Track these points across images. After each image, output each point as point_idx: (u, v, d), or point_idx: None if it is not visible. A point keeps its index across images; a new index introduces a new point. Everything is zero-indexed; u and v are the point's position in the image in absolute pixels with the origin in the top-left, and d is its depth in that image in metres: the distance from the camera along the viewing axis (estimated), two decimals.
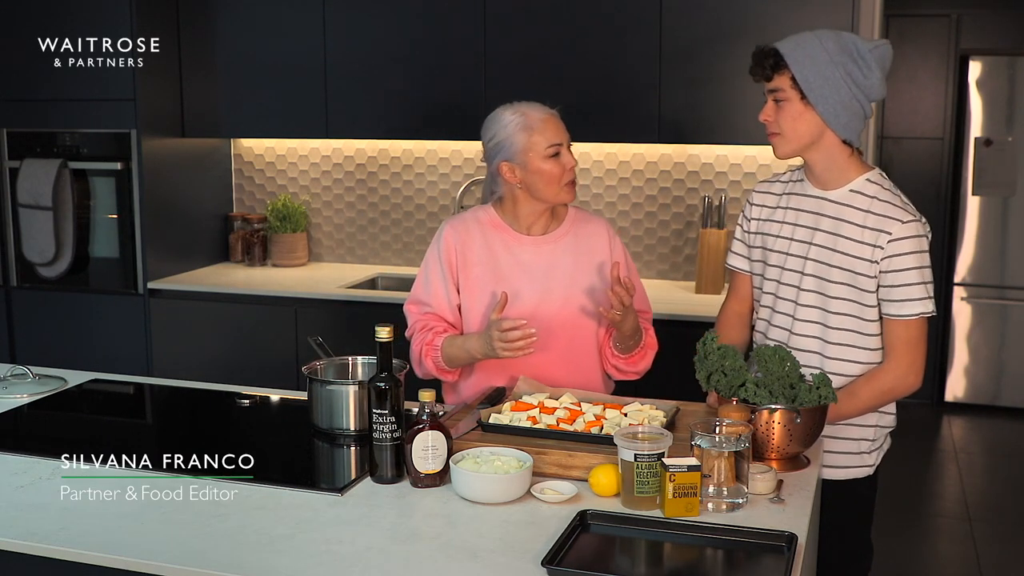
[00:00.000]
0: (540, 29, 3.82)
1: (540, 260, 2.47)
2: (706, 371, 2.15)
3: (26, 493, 1.97)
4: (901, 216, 2.21)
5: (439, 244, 2.48)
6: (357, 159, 4.48)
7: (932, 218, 5.72)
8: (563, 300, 2.45)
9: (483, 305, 2.44)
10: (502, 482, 1.88)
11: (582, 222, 2.53)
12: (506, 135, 2.39)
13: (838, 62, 2.17)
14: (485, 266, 2.46)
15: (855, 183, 2.27)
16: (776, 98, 2.24)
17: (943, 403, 5.85)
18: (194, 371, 3.90)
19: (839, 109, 2.20)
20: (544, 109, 2.42)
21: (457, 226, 2.49)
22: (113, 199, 4.16)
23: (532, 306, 2.43)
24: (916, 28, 5.82)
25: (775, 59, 2.21)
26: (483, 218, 2.51)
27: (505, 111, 2.42)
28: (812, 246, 2.29)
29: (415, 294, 2.52)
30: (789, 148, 2.27)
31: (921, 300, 2.21)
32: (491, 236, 2.48)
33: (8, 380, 2.69)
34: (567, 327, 2.45)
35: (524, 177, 2.40)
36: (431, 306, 2.47)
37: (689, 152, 4.04)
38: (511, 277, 2.45)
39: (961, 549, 4.00)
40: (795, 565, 1.63)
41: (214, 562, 1.67)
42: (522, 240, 2.48)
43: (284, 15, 4.13)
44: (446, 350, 2.41)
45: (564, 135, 2.41)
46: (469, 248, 2.46)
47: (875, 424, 2.36)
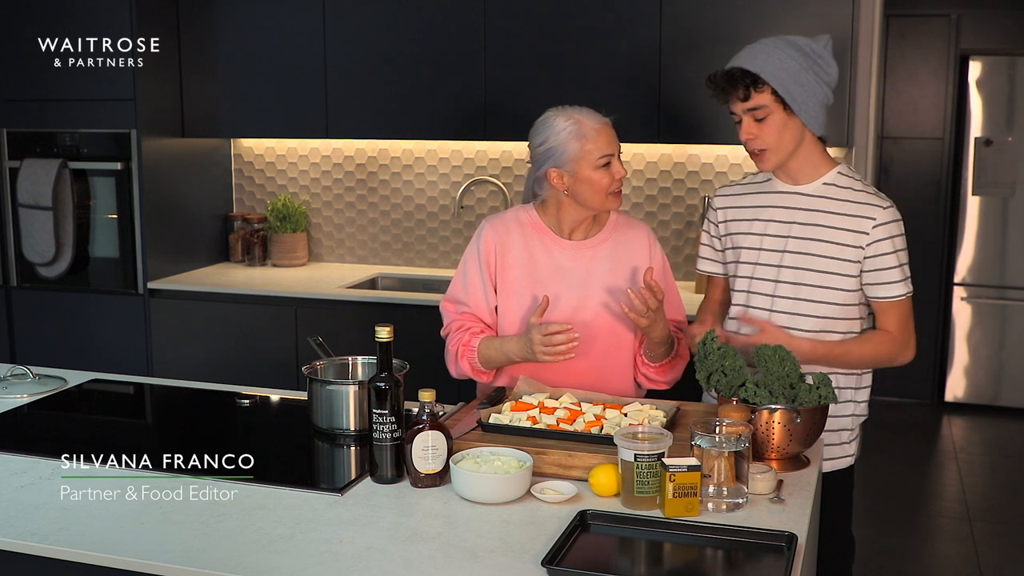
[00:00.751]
0: (540, 29, 3.82)
1: (579, 266, 2.45)
2: (706, 371, 2.16)
3: (26, 493, 1.97)
4: (880, 203, 2.31)
5: (479, 243, 2.46)
6: (357, 159, 4.48)
7: (932, 218, 5.79)
8: (599, 307, 2.44)
9: (519, 307, 2.43)
10: (502, 482, 1.88)
11: (624, 227, 2.51)
12: (558, 141, 2.35)
13: (806, 66, 2.26)
14: (523, 269, 2.44)
15: (827, 176, 2.36)
16: (756, 116, 2.28)
17: (943, 403, 5.85)
18: (194, 371, 3.90)
19: (817, 110, 2.29)
20: (598, 117, 2.39)
21: (498, 226, 2.47)
22: (113, 199, 4.16)
23: (569, 312, 2.41)
24: (916, 28, 5.82)
25: (750, 79, 2.25)
26: (524, 219, 2.48)
27: (558, 116, 2.38)
28: (789, 239, 2.34)
29: (452, 292, 2.51)
30: (777, 159, 2.33)
31: (906, 280, 2.33)
32: (531, 238, 2.46)
33: (8, 380, 2.69)
34: (603, 334, 2.44)
35: (572, 185, 2.37)
36: (468, 306, 2.46)
37: (689, 152, 4.04)
38: (548, 281, 2.43)
39: (961, 549, 4.00)
40: (795, 565, 1.63)
41: (214, 562, 1.67)
42: (562, 244, 2.46)
43: (284, 15, 4.13)
44: (483, 351, 2.40)
45: (616, 145, 2.39)
46: (508, 249, 2.45)
47: (851, 414, 2.42)
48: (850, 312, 2.34)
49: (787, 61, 2.24)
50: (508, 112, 3.87)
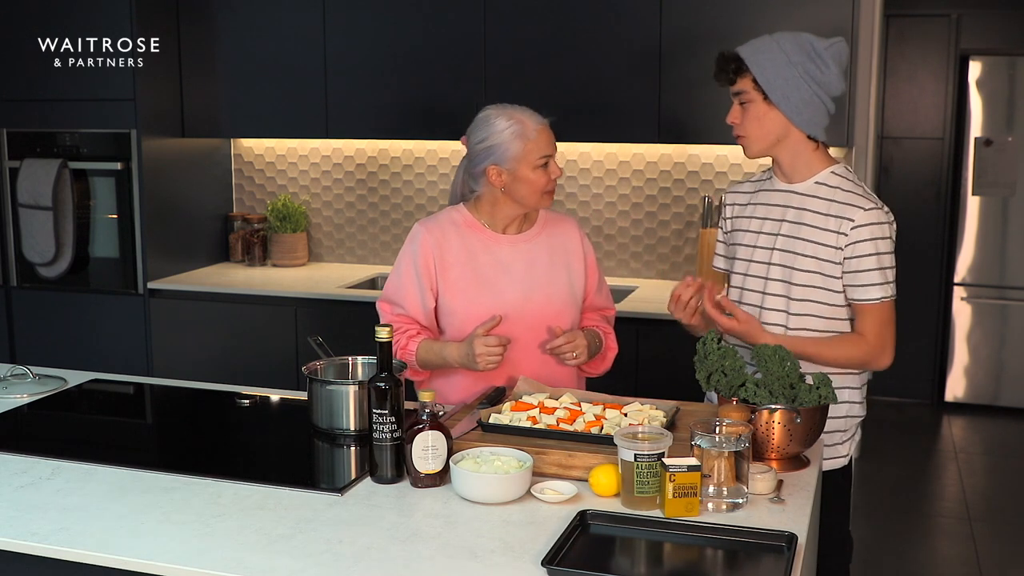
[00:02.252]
0: (540, 29, 3.82)
1: (519, 259, 2.50)
2: (706, 371, 2.16)
3: (26, 493, 1.97)
4: (863, 204, 2.29)
5: (414, 247, 2.49)
6: (357, 159, 4.48)
7: (932, 218, 5.79)
8: (545, 298, 2.49)
9: (468, 304, 2.45)
10: (502, 482, 1.88)
11: (553, 222, 2.58)
12: (499, 140, 2.41)
13: (796, 62, 2.26)
14: (465, 266, 2.47)
15: (820, 175, 2.36)
16: (740, 100, 2.34)
17: (943, 403, 5.85)
18: (194, 371, 3.90)
19: (801, 106, 2.28)
20: (537, 118, 2.44)
21: (433, 228, 2.50)
22: (113, 199, 4.16)
23: (518, 304, 2.46)
24: (916, 28, 5.82)
25: (736, 63, 2.31)
26: (458, 219, 2.52)
27: (499, 116, 2.43)
28: (778, 237, 2.36)
29: (387, 294, 2.53)
30: (757, 148, 2.36)
31: (882, 285, 2.29)
32: (468, 236, 2.50)
33: (8, 380, 2.69)
34: (549, 323, 2.48)
35: (510, 183, 2.43)
36: (403, 307, 2.49)
37: (689, 152, 4.04)
38: (492, 276, 2.47)
39: (961, 549, 4.00)
40: (795, 565, 1.63)
41: (214, 562, 1.67)
42: (499, 239, 2.50)
43: (284, 15, 4.13)
44: (421, 355, 2.45)
45: (554, 146, 2.45)
46: (447, 250, 2.47)
47: (845, 415, 2.41)
48: (838, 312, 2.33)
49: (775, 53, 2.26)
50: None
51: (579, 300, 2.56)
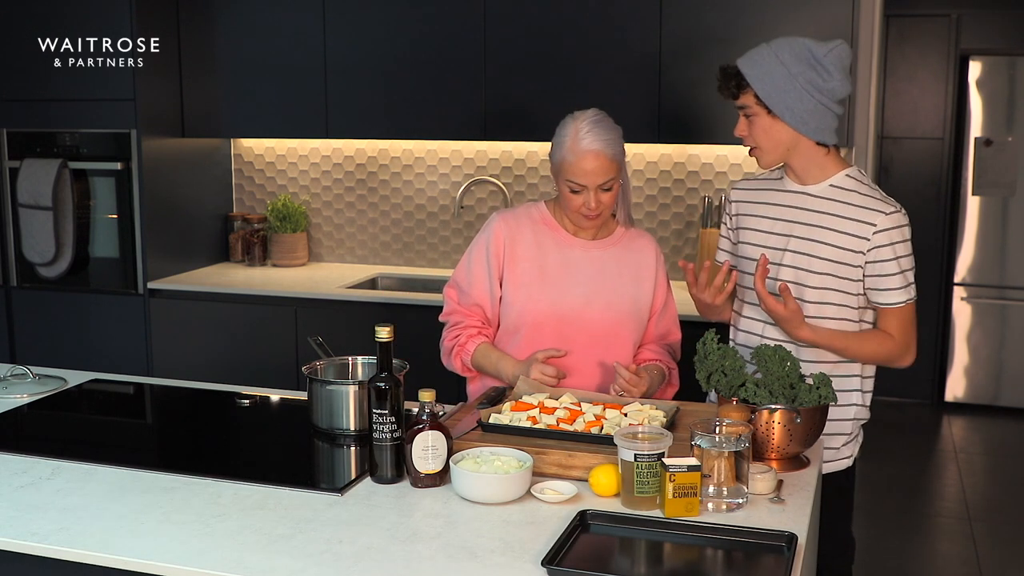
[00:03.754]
0: (540, 29, 3.82)
1: (589, 264, 2.48)
2: (706, 371, 2.16)
3: (26, 493, 1.97)
4: (884, 208, 2.28)
5: (488, 234, 2.49)
6: (357, 159, 4.48)
7: (932, 218, 5.79)
8: (606, 306, 2.47)
9: (528, 300, 2.45)
10: (502, 482, 1.88)
11: (632, 235, 2.56)
12: (554, 145, 2.41)
13: (796, 73, 2.23)
14: (533, 261, 2.47)
15: (835, 178, 2.35)
16: (746, 114, 2.33)
17: (943, 403, 5.85)
18: (194, 371, 3.90)
19: (805, 116, 2.26)
20: (597, 139, 2.33)
21: (508, 219, 2.51)
22: (113, 199, 4.16)
23: (578, 307, 2.45)
24: (916, 28, 5.82)
25: (737, 78, 2.30)
26: (535, 215, 2.52)
27: (568, 123, 2.39)
28: (791, 239, 2.35)
29: (456, 279, 2.54)
30: (770, 158, 2.35)
31: (907, 287, 2.30)
32: (542, 233, 2.49)
33: (8, 380, 2.69)
34: (606, 332, 2.47)
35: (559, 190, 2.45)
36: (471, 296, 2.49)
37: (689, 152, 4.04)
38: (558, 276, 2.46)
39: (961, 549, 4.00)
40: (795, 565, 1.63)
41: (214, 562, 1.67)
42: (572, 241, 2.49)
43: (284, 15, 4.13)
44: (477, 359, 2.46)
45: (595, 178, 2.34)
46: (518, 242, 2.47)
47: (853, 418, 2.42)
48: (849, 314, 2.33)
49: (774, 66, 2.24)
50: (508, 112, 3.88)
51: (642, 316, 2.52)
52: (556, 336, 2.43)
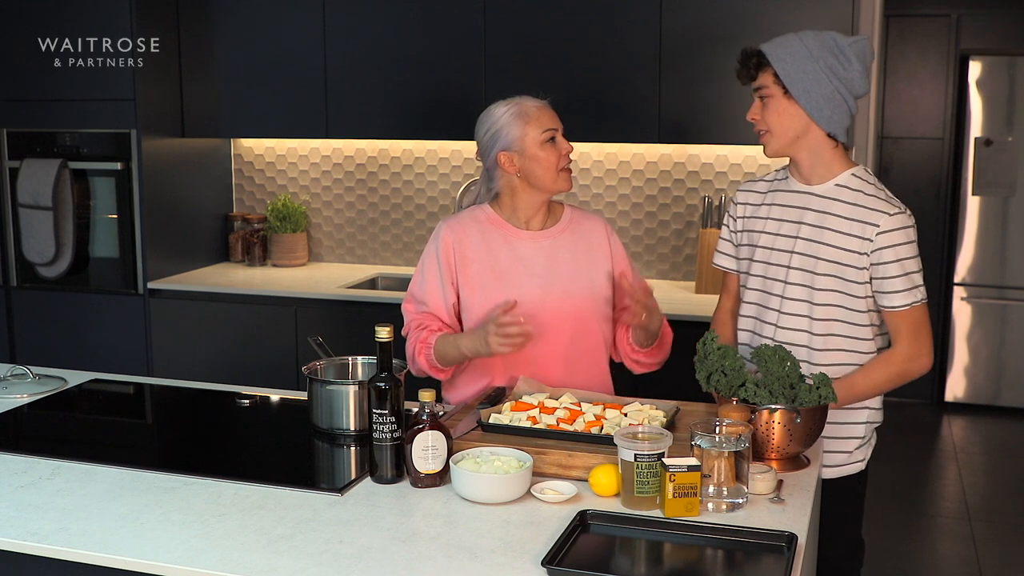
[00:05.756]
0: (540, 29, 3.82)
1: (540, 255, 2.48)
2: (706, 371, 2.16)
3: (26, 493, 1.97)
4: (888, 209, 2.26)
5: (436, 243, 2.49)
6: (357, 159, 4.48)
7: (932, 218, 5.79)
8: (564, 294, 2.46)
9: (485, 301, 2.44)
10: (502, 482, 1.88)
11: (580, 219, 2.56)
12: (501, 124, 2.42)
13: (818, 56, 2.24)
14: (484, 263, 2.46)
15: (840, 178, 2.33)
16: (761, 95, 2.31)
17: (943, 403, 5.85)
18: (194, 371, 3.90)
19: (822, 102, 2.26)
20: (536, 99, 2.46)
21: (454, 225, 2.50)
22: (113, 199, 4.16)
23: (536, 300, 2.43)
24: (916, 28, 5.83)
25: (758, 58, 2.30)
26: (480, 216, 2.52)
27: (498, 105, 2.46)
28: (798, 239, 2.33)
29: (411, 292, 2.53)
30: (777, 144, 2.33)
31: (912, 289, 2.26)
32: (489, 232, 2.49)
33: (8, 380, 2.69)
34: (569, 322, 2.46)
35: (522, 165, 2.42)
36: (427, 305, 2.48)
37: (689, 152, 4.04)
38: (511, 272, 2.45)
39: (961, 549, 4.00)
40: (795, 565, 1.63)
41: (214, 562, 1.67)
42: (521, 235, 2.49)
43: (284, 15, 4.13)
44: (439, 347, 2.42)
45: (558, 122, 2.46)
46: (467, 246, 2.47)
47: (865, 421, 2.40)
48: (859, 318, 2.31)
49: (797, 47, 2.25)
50: None
51: (604, 294, 2.51)
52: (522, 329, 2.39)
